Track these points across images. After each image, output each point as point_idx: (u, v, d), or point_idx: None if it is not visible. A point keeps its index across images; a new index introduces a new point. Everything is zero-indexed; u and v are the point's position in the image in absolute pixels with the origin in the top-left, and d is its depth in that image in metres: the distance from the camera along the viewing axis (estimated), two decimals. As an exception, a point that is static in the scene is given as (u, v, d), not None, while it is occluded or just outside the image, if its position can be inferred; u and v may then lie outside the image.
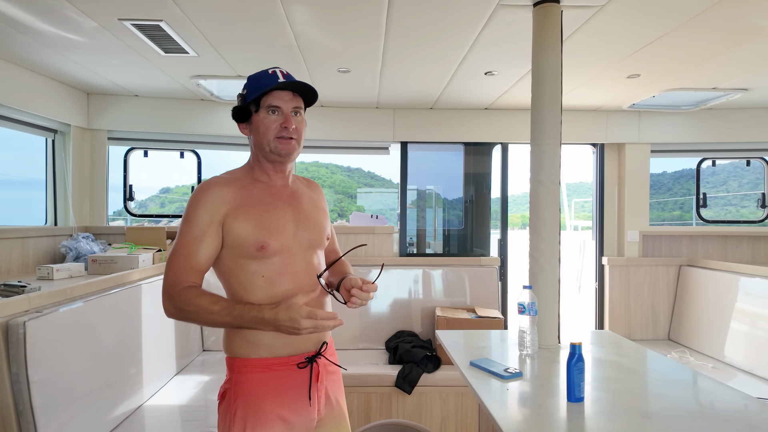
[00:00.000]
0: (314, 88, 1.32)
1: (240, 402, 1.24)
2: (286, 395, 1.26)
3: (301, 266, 1.31)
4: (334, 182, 11.47)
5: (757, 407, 1.34)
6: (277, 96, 1.28)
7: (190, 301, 1.19)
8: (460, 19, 2.01)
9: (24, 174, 3.34)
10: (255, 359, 1.25)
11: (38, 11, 1.97)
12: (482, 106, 3.52)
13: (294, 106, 1.31)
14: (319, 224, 1.38)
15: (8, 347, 1.55)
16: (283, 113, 1.29)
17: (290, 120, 1.29)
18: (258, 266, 1.25)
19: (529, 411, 1.32)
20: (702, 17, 1.97)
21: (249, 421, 1.23)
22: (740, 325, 2.97)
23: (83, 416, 1.80)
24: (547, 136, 1.88)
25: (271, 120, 1.29)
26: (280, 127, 1.28)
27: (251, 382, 1.25)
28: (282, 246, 1.27)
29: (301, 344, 1.29)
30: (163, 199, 8.01)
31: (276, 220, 1.28)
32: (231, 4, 1.89)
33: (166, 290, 1.21)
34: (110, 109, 3.29)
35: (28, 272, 2.66)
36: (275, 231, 1.27)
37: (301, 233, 1.32)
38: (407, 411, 2.81)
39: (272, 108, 1.29)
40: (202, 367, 2.90)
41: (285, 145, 1.29)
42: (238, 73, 2.74)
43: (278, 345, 1.26)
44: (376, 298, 3.42)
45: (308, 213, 1.36)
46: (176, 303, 1.20)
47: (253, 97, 1.29)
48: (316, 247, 1.36)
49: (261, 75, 1.31)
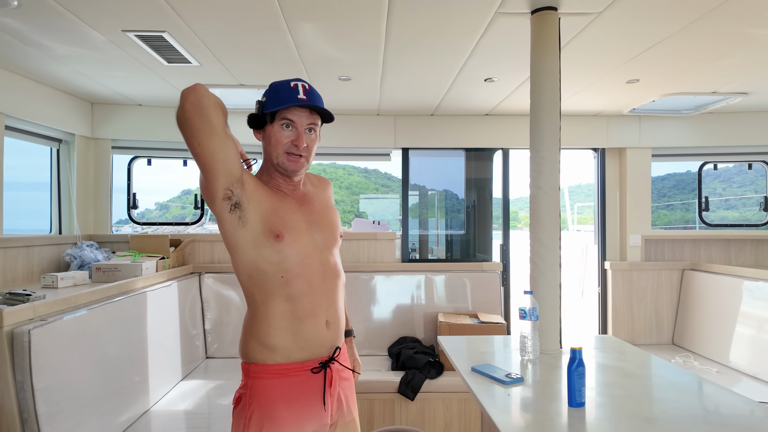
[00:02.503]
0: (331, 113, 1.34)
1: (255, 407, 1.26)
2: (300, 400, 1.28)
3: (318, 268, 1.33)
4: (351, 183, 11.50)
5: (762, 412, 1.33)
6: (294, 112, 1.29)
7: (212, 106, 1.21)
8: (459, 27, 2.03)
9: (29, 182, 3.37)
10: (270, 365, 1.28)
11: (44, 24, 2.00)
12: (483, 112, 3.54)
13: (309, 123, 1.31)
14: (332, 223, 1.40)
15: (13, 355, 1.56)
16: (296, 130, 1.30)
17: (302, 138, 1.30)
18: (276, 266, 1.26)
19: (531, 416, 1.32)
20: (699, 23, 1.98)
21: (264, 426, 1.25)
22: (745, 329, 2.95)
23: (88, 423, 1.81)
24: (546, 142, 1.89)
25: (283, 135, 1.30)
26: (291, 144, 1.30)
27: (266, 388, 1.27)
28: (296, 241, 1.29)
29: (315, 348, 1.31)
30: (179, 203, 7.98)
31: (290, 216, 1.30)
32: (233, 15, 1.92)
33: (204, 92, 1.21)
34: (114, 119, 3.33)
35: (32, 281, 2.69)
36: (289, 225, 1.29)
37: (316, 234, 1.35)
38: (410, 417, 2.81)
39: (287, 122, 1.30)
40: (206, 373, 2.90)
41: (293, 162, 1.31)
42: (241, 82, 2.77)
43: (293, 349, 1.28)
44: (379, 304, 3.43)
45: (320, 213, 1.39)
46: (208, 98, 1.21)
47: (270, 109, 1.30)
48: (331, 247, 1.38)
49: (282, 86, 1.31)
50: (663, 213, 8.99)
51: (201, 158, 1.23)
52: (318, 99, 1.33)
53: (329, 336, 1.34)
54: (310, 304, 1.30)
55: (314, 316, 1.31)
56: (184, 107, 1.20)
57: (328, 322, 1.34)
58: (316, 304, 1.32)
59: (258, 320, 1.30)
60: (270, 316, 1.28)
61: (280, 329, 1.28)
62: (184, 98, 1.20)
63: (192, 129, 1.20)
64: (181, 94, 1.21)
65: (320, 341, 1.31)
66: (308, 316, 1.30)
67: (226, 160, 1.23)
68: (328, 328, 1.34)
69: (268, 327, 1.28)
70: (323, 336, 1.33)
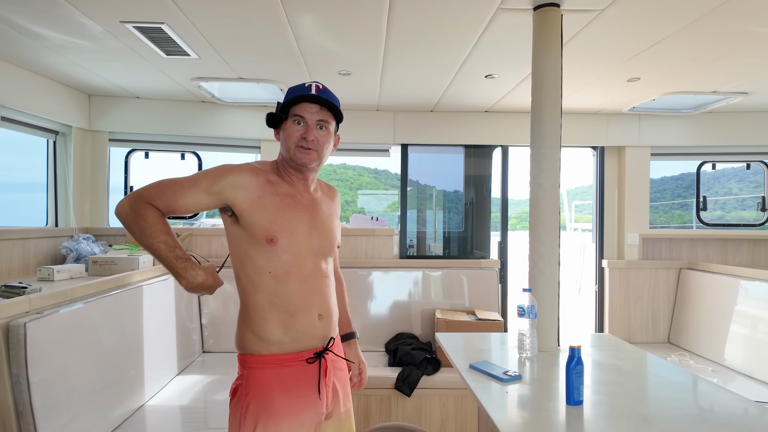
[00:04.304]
0: (339, 109, 1.39)
1: (252, 397, 1.28)
2: (296, 390, 1.30)
3: (310, 269, 1.36)
4: (362, 184, 11.48)
5: (756, 411, 1.34)
6: (304, 107, 1.35)
7: (148, 216, 1.24)
8: (461, 23, 2.02)
9: (25, 175, 3.34)
10: (266, 355, 1.30)
11: (41, 14, 1.97)
12: (483, 108, 3.52)
13: (319, 119, 1.36)
14: (331, 233, 1.44)
15: (9, 348, 1.55)
16: (306, 124, 1.35)
17: (311, 131, 1.35)
18: (266, 262, 1.30)
19: (529, 414, 1.32)
20: (701, 22, 1.97)
21: (261, 415, 1.26)
22: (740, 329, 2.97)
23: (83, 417, 1.81)
24: (546, 139, 1.88)
25: (294, 129, 1.35)
26: (301, 137, 1.34)
27: (263, 378, 1.29)
28: (292, 245, 1.32)
29: (308, 340, 1.34)
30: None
31: (290, 221, 1.33)
32: (232, 7, 1.90)
33: (138, 195, 1.26)
34: (111, 111, 3.30)
35: (28, 273, 2.67)
36: (287, 230, 1.32)
37: (314, 239, 1.38)
38: (407, 413, 2.81)
39: (297, 118, 1.35)
40: (203, 368, 2.90)
41: (303, 154, 1.35)
42: (239, 75, 2.75)
43: (286, 341, 1.31)
44: (376, 300, 3.43)
45: (323, 221, 1.42)
46: (137, 209, 1.24)
47: (284, 105, 1.37)
48: (327, 255, 1.42)
49: (297, 87, 1.38)
50: (678, 213, 8.99)
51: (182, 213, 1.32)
52: (331, 97, 1.38)
53: (322, 328, 1.37)
54: (301, 300, 1.33)
55: (306, 310, 1.33)
56: (125, 225, 1.26)
57: (321, 315, 1.37)
58: (308, 300, 1.34)
59: (250, 312, 1.32)
60: (260, 308, 1.31)
61: (272, 321, 1.30)
62: (119, 206, 1.27)
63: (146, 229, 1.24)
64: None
65: (313, 333, 1.34)
66: (299, 310, 1.32)
67: (195, 207, 1.30)
68: (321, 321, 1.37)
69: (259, 319, 1.31)
70: (316, 328, 1.35)
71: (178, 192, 1.27)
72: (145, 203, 1.25)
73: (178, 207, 1.28)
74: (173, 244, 1.25)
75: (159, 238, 1.23)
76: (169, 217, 1.31)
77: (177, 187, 1.27)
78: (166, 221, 1.27)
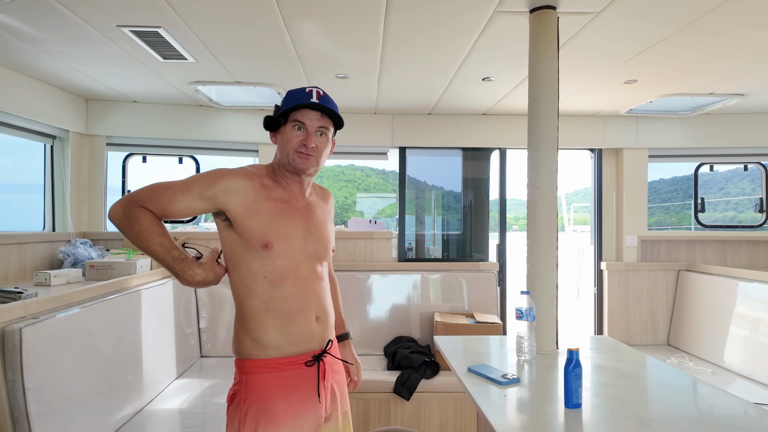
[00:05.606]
0: (340, 116, 1.39)
1: (251, 402, 1.27)
2: (295, 393, 1.30)
3: (305, 273, 1.35)
4: (369, 185, 11.49)
5: (756, 413, 1.33)
6: (305, 114, 1.34)
7: (141, 220, 1.23)
8: (458, 26, 2.02)
9: (22, 179, 3.34)
10: (264, 360, 1.29)
11: (37, 19, 1.97)
12: (480, 111, 3.53)
13: (319, 126, 1.36)
14: (326, 237, 1.44)
15: (4, 354, 1.54)
16: (306, 130, 1.34)
17: (311, 138, 1.34)
18: (261, 267, 1.30)
19: (527, 417, 1.32)
20: (697, 24, 1.98)
21: (261, 420, 1.26)
22: (739, 330, 2.96)
23: (80, 423, 1.79)
24: (543, 142, 1.88)
25: (294, 135, 1.35)
26: (300, 144, 1.34)
27: (261, 382, 1.28)
28: (287, 250, 1.32)
29: (306, 343, 1.34)
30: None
31: (285, 226, 1.33)
32: (229, 11, 1.90)
33: (131, 199, 1.25)
34: (109, 115, 3.30)
35: (25, 278, 2.66)
36: (282, 235, 1.31)
37: (309, 244, 1.37)
38: (406, 417, 2.80)
39: (298, 124, 1.34)
40: (201, 372, 2.89)
41: (302, 160, 1.34)
42: (237, 79, 2.75)
43: (284, 345, 1.31)
44: (375, 303, 3.42)
45: (318, 226, 1.41)
46: (130, 213, 1.24)
47: (283, 110, 1.35)
48: (321, 258, 1.42)
49: (298, 91, 1.37)
50: (687, 213, 9.09)
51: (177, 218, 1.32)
52: (331, 104, 1.37)
53: (319, 330, 1.36)
54: (297, 303, 1.33)
55: (303, 313, 1.33)
56: (120, 229, 1.27)
57: (318, 318, 1.37)
58: (304, 303, 1.34)
59: (246, 316, 1.32)
60: (257, 313, 1.30)
61: (269, 326, 1.30)
62: (112, 210, 1.27)
63: (140, 233, 1.24)
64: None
65: (311, 336, 1.34)
66: (296, 313, 1.32)
67: (189, 212, 1.29)
68: (318, 323, 1.36)
69: (256, 324, 1.30)
70: (314, 331, 1.35)
71: (171, 197, 1.27)
72: (138, 207, 1.24)
73: (171, 212, 1.27)
74: (169, 246, 1.24)
75: (154, 240, 1.23)
76: (166, 220, 1.31)
77: (170, 192, 1.27)
78: (161, 223, 1.27)
